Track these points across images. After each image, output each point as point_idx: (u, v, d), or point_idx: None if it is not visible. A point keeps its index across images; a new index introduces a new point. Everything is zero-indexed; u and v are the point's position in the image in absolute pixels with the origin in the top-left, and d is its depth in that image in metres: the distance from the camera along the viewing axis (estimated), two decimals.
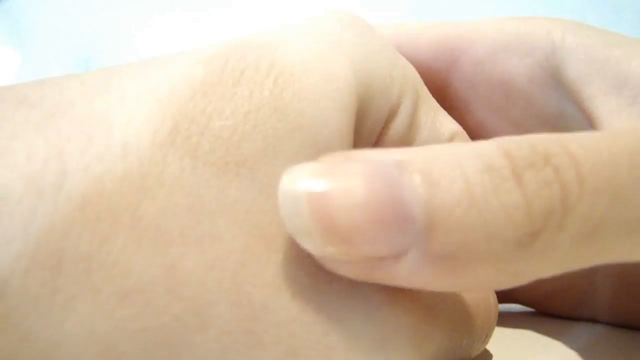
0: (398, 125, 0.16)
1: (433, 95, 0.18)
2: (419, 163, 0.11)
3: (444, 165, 0.11)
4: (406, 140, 0.16)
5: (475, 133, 0.20)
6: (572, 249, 0.11)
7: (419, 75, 0.17)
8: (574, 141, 0.12)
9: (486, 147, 0.11)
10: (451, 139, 0.17)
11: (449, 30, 0.20)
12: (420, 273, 0.11)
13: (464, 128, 0.18)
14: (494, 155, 0.11)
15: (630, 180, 0.12)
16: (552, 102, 0.19)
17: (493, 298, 0.16)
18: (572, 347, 0.17)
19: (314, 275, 0.12)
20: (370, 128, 0.15)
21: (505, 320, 0.20)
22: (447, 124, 0.17)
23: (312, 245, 0.11)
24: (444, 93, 0.20)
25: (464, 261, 0.11)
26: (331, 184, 0.11)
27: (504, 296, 0.21)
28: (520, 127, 0.20)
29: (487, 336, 0.16)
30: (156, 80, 0.12)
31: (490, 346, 0.17)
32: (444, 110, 0.18)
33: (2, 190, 0.10)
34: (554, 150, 0.11)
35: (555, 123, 0.19)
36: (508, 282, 0.11)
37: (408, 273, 0.11)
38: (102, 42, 0.46)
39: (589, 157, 0.11)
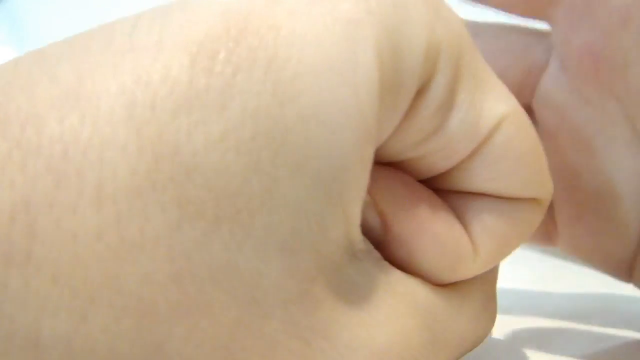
0: (427, 104, 0.12)
1: None
2: None
3: None
4: (436, 123, 0.13)
5: None
6: None
7: (465, 33, 0.13)
8: None
9: None
10: (495, 126, 0.13)
11: None
12: None
13: None
14: None
15: None
16: None
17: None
18: None
19: (308, 343, 0.11)
20: (391, 114, 0.12)
21: None
22: (493, 106, 0.13)
23: None
24: None
25: None
26: None
27: None
28: None
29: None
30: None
31: None
32: (497, 84, 0.14)
33: None
34: None
35: None
36: None
37: None
38: None
39: None
